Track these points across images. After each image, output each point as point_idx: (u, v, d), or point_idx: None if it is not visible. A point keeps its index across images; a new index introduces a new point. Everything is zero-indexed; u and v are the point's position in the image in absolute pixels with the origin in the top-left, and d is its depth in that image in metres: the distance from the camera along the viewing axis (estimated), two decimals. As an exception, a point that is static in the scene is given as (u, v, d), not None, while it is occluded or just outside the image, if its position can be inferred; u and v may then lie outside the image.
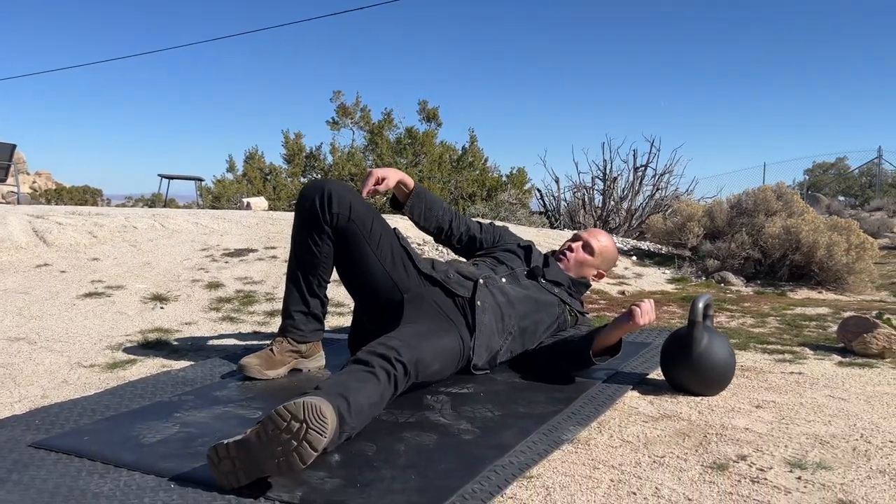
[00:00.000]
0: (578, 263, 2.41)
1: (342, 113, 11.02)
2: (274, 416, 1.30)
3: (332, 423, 1.34)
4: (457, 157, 10.58)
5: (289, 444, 1.28)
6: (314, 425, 1.29)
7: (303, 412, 1.30)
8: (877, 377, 2.25)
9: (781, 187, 5.56)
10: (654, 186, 8.27)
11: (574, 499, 1.30)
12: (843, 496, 1.32)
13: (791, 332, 3.05)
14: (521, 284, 2.22)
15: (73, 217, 4.70)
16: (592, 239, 2.45)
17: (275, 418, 1.30)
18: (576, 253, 2.42)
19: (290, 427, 1.29)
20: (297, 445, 1.28)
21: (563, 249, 2.46)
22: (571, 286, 2.36)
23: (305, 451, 1.28)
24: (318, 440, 1.30)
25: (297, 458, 1.28)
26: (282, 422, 1.29)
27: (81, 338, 2.56)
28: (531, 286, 2.24)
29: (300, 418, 1.29)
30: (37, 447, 1.51)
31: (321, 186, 2.05)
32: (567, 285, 2.34)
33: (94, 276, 3.50)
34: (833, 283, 4.94)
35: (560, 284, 2.33)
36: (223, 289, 3.45)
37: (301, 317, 2.14)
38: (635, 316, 1.95)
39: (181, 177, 10.08)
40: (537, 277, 2.27)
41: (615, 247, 2.56)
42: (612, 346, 2.06)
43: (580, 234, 2.49)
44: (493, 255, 2.33)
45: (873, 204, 14.80)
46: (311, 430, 1.29)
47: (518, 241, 2.42)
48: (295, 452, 1.28)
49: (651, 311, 1.98)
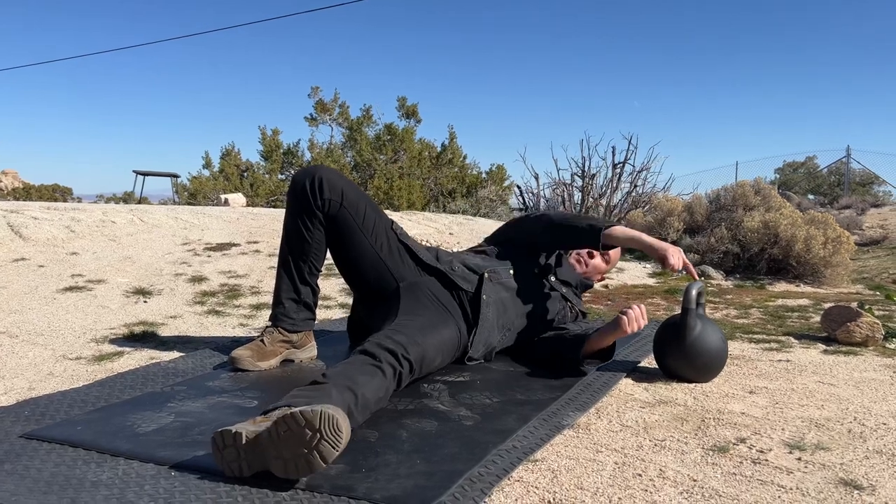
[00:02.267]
0: (594, 269, 2.41)
1: (320, 109, 10.95)
2: (289, 418, 1.24)
3: (347, 437, 1.27)
4: (436, 153, 10.57)
5: (299, 450, 1.23)
6: (328, 437, 1.24)
7: (318, 422, 1.23)
8: (862, 364, 2.29)
9: (759, 182, 5.64)
10: (632, 183, 8.34)
11: (581, 480, 1.30)
12: (843, 475, 1.34)
13: (774, 323, 3.09)
14: (527, 281, 2.20)
15: (49, 212, 4.61)
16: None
17: (289, 421, 1.24)
18: (595, 260, 2.41)
19: (303, 433, 1.23)
20: (308, 453, 1.23)
21: (582, 254, 2.41)
22: (578, 286, 2.37)
23: (315, 461, 1.23)
24: (331, 453, 1.24)
25: (305, 465, 1.24)
26: (296, 426, 1.24)
27: (64, 331, 2.50)
28: (538, 283, 2.23)
29: (315, 427, 1.23)
30: (28, 438, 1.47)
31: (312, 172, 2.03)
32: (575, 285, 2.35)
33: (74, 271, 3.43)
34: (810, 277, 5.03)
35: (569, 284, 2.32)
36: (207, 282, 3.40)
37: (292, 304, 2.12)
38: (622, 324, 1.92)
39: (157, 173, 9.94)
40: (548, 276, 2.26)
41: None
42: (603, 350, 2.07)
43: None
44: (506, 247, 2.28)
45: (842, 202, 15.11)
46: (324, 441, 1.23)
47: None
48: (304, 459, 1.23)
49: (640, 318, 1.93)
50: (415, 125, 11.04)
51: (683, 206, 5.84)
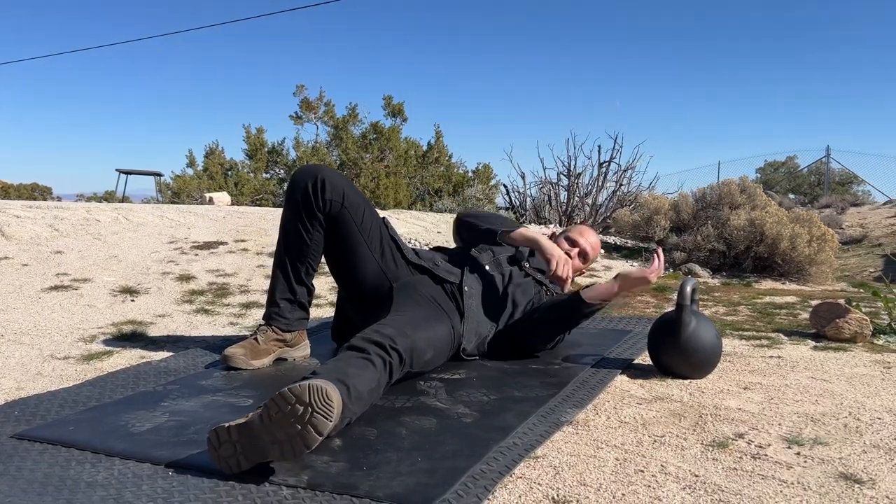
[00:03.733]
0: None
1: (306, 107, 10.89)
2: (278, 398, 1.26)
3: (339, 407, 1.30)
4: (422, 152, 10.55)
5: (293, 428, 1.24)
6: (320, 409, 1.25)
7: (308, 395, 1.25)
8: (852, 360, 2.31)
9: (745, 181, 5.68)
10: (618, 182, 8.37)
11: (583, 477, 1.30)
12: (843, 469, 1.34)
13: (763, 320, 3.11)
14: (502, 270, 2.22)
15: (31, 210, 4.54)
16: (588, 246, 2.39)
17: (279, 401, 1.25)
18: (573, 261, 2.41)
19: (294, 410, 1.24)
20: (302, 429, 1.24)
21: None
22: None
23: (310, 436, 1.24)
24: (324, 424, 1.25)
25: (301, 442, 1.24)
26: (286, 405, 1.25)
27: (51, 330, 2.46)
28: (513, 271, 2.24)
29: (305, 401, 1.25)
30: (20, 438, 1.44)
31: (314, 173, 2.00)
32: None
33: (59, 270, 3.38)
34: (795, 275, 5.08)
35: (542, 272, 2.33)
36: (195, 281, 3.36)
37: (287, 304, 2.10)
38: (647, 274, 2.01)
39: (140, 172, 9.83)
40: (520, 263, 2.27)
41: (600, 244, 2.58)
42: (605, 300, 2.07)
43: (577, 241, 2.38)
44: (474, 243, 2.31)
45: (822, 201, 15.27)
46: (316, 413, 1.24)
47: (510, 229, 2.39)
48: (299, 436, 1.24)
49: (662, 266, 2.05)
50: (401, 124, 11.03)
51: (670, 204, 5.87)
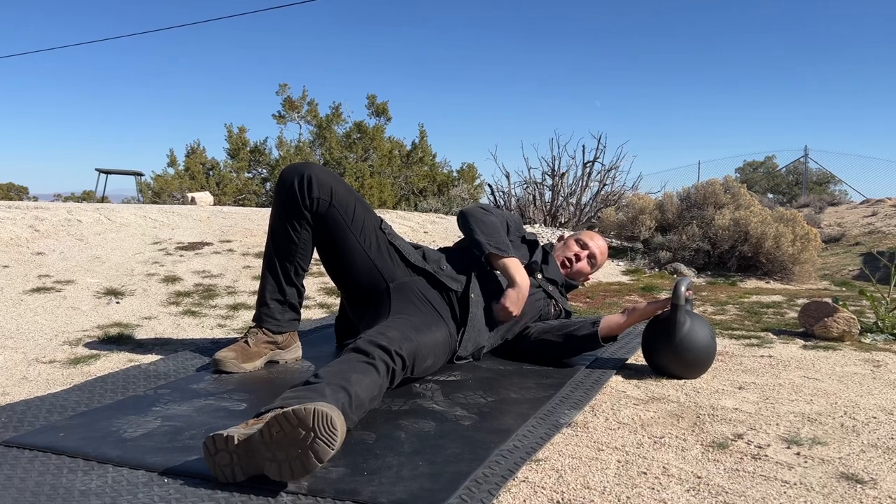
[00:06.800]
0: (578, 272, 2.41)
1: (289, 106, 10.80)
2: (281, 418, 1.20)
3: (342, 434, 1.24)
4: (406, 152, 10.52)
5: (293, 451, 1.19)
6: (322, 435, 1.20)
7: (312, 420, 1.20)
8: (843, 359, 2.33)
9: (729, 180, 5.73)
10: (602, 182, 8.40)
11: (587, 480, 1.29)
12: (843, 469, 1.35)
13: (752, 319, 3.13)
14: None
15: (10, 210, 4.45)
16: (598, 251, 2.42)
17: (281, 420, 1.20)
18: (581, 263, 2.40)
19: (296, 433, 1.19)
20: (303, 453, 1.19)
21: (568, 255, 2.40)
22: (563, 286, 2.37)
23: (310, 461, 1.19)
24: (326, 452, 1.20)
25: (300, 465, 1.19)
26: (288, 426, 1.20)
27: (35, 334, 2.41)
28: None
29: (308, 426, 1.19)
30: (8, 445, 1.40)
31: (301, 170, 1.97)
32: (560, 283, 2.34)
33: (41, 271, 3.31)
34: (779, 274, 5.12)
35: (554, 283, 2.32)
36: (181, 282, 3.31)
37: (277, 306, 2.07)
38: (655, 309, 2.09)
39: (120, 171, 9.70)
40: (534, 274, 2.25)
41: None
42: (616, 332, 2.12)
43: (588, 245, 2.41)
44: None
45: (800, 201, 15.45)
46: (318, 439, 1.19)
47: (523, 234, 2.35)
48: (299, 460, 1.19)
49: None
50: (385, 123, 10.98)
51: (655, 204, 5.90)
